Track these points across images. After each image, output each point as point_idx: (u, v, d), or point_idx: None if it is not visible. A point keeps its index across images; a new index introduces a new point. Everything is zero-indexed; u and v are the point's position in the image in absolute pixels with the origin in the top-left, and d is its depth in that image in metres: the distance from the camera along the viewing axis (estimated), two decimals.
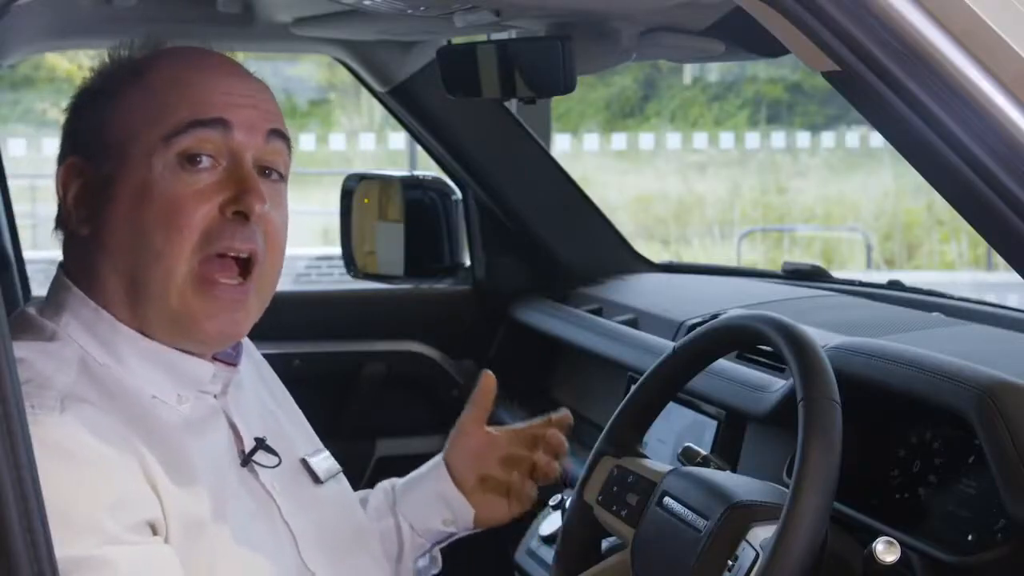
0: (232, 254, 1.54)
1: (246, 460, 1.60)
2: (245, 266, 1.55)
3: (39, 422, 1.39)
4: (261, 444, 1.62)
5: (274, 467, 1.62)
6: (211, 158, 1.53)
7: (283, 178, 1.61)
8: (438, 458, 1.91)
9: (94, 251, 1.55)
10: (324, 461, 1.73)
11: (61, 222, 1.60)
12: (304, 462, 1.70)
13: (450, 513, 1.88)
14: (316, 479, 1.69)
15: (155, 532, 1.44)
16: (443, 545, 1.93)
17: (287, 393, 1.82)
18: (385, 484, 1.94)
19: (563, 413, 1.92)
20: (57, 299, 1.57)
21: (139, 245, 1.52)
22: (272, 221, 1.57)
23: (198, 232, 1.51)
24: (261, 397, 1.73)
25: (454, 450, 1.90)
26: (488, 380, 1.91)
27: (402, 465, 1.97)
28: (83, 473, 1.40)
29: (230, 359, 1.64)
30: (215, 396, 1.61)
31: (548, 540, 2.33)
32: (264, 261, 1.56)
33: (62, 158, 1.60)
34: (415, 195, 2.87)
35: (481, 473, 1.89)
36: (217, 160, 1.54)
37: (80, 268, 1.58)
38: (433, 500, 1.88)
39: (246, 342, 1.71)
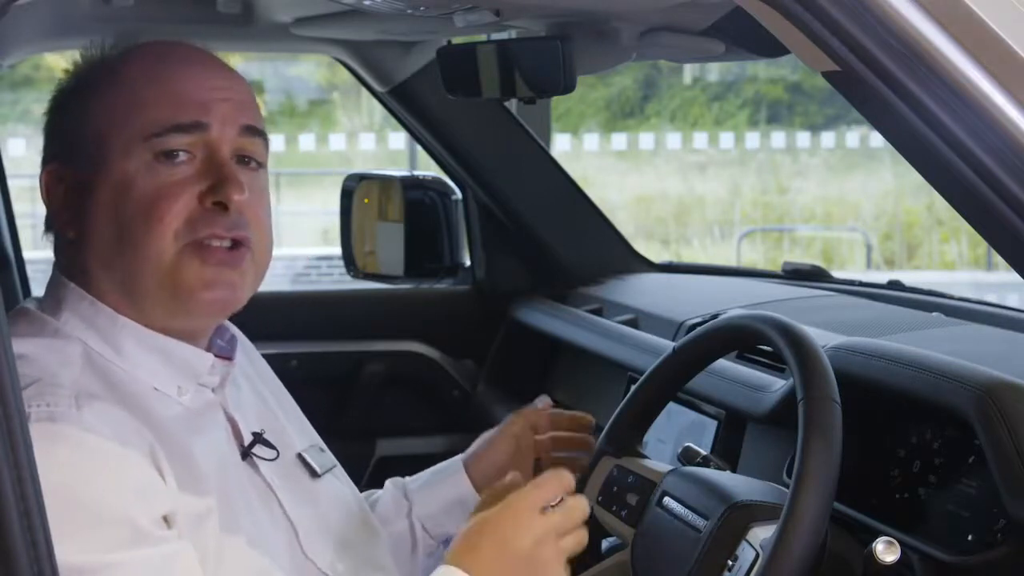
0: (216, 242, 1.54)
1: (245, 453, 1.61)
2: (234, 244, 1.56)
3: (58, 421, 1.40)
4: (259, 438, 1.63)
5: (272, 460, 1.63)
6: (187, 152, 1.55)
7: (261, 166, 1.62)
8: (456, 462, 1.92)
9: (83, 252, 1.56)
10: (320, 455, 1.74)
11: (49, 225, 1.61)
12: (300, 456, 1.70)
13: (466, 518, 1.88)
14: (313, 473, 1.70)
15: (169, 525, 1.45)
16: None
17: (283, 388, 1.82)
18: (392, 488, 1.93)
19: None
20: (55, 296, 1.58)
21: (123, 240, 1.53)
22: (254, 207, 1.57)
23: (179, 220, 1.52)
24: (258, 392, 1.74)
25: (483, 460, 1.91)
26: (545, 406, 1.97)
27: (402, 465, 1.97)
28: (108, 468, 1.41)
29: (225, 353, 1.65)
30: (212, 390, 1.62)
31: None
32: (254, 242, 1.57)
33: (44, 163, 1.61)
34: (415, 195, 2.88)
35: (504, 476, 1.89)
36: (193, 154, 1.55)
37: (72, 268, 1.59)
38: (452, 506, 1.89)
39: (241, 339, 1.72)
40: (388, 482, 1.95)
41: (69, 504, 1.35)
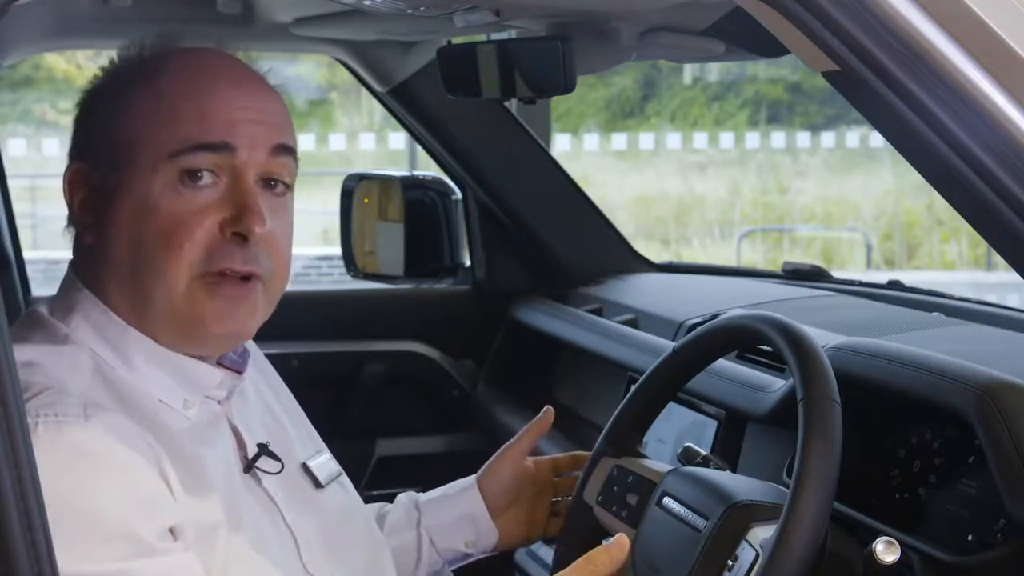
0: (230, 274, 1.53)
1: (249, 466, 1.59)
2: (246, 277, 1.54)
3: (65, 430, 1.39)
4: (264, 450, 1.61)
5: (277, 473, 1.62)
6: (212, 174, 1.52)
7: (288, 188, 1.59)
8: (471, 480, 1.91)
9: (98, 259, 1.55)
10: (325, 465, 1.72)
11: (70, 222, 1.59)
12: (305, 467, 1.69)
13: (474, 536, 1.88)
14: (317, 483, 1.69)
15: (175, 538, 1.44)
16: (455, 567, 1.92)
17: (292, 397, 1.81)
18: (405, 500, 1.92)
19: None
20: (67, 299, 1.57)
21: (140, 259, 1.51)
22: (275, 236, 1.55)
23: (199, 249, 1.50)
24: (266, 401, 1.72)
25: (492, 475, 1.90)
26: (548, 415, 1.93)
27: (402, 465, 1.97)
28: (113, 478, 1.40)
29: (236, 366, 1.63)
30: (219, 402, 1.60)
31: (548, 540, 2.33)
32: (268, 275, 1.55)
33: (70, 160, 1.59)
34: (415, 195, 2.88)
35: (514, 499, 1.90)
36: (219, 176, 1.52)
37: (87, 272, 1.57)
38: (461, 521, 1.88)
39: (252, 348, 1.71)
40: (402, 495, 1.94)
41: (74, 514, 1.35)
